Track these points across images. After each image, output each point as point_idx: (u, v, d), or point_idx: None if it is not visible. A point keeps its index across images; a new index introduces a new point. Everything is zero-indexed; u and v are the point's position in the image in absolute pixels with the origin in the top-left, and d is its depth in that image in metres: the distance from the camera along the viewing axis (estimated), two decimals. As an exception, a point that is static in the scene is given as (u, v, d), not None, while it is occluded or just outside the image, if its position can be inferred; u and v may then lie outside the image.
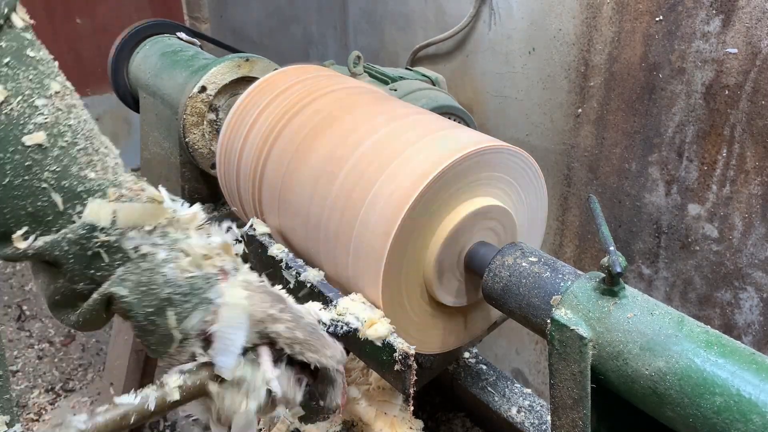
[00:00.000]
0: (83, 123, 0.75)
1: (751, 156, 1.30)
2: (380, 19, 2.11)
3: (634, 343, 0.70)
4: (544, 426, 1.14)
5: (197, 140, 1.54)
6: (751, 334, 1.42)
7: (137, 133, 1.86)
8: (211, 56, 1.65)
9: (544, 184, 1.05)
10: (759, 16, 1.22)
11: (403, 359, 0.86)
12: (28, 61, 0.74)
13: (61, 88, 0.75)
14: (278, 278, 1.04)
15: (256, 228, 1.11)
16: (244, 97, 1.20)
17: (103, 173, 0.75)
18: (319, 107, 1.11)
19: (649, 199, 1.52)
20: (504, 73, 1.74)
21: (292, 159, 1.06)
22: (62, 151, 0.73)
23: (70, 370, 2.52)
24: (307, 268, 1.00)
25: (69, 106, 0.75)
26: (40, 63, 0.75)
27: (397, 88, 1.54)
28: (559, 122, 1.66)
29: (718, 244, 1.41)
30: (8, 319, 2.75)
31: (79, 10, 2.98)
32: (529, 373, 2.04)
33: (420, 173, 0.89)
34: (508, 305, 0.88)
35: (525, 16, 1.63)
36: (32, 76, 0.74)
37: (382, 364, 0.89)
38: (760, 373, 0.63)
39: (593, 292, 0.76)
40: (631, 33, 1.44)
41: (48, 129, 0.72)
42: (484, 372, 1.26)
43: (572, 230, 1.74)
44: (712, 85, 1.33)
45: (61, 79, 0.76)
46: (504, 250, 0.91)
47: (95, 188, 0.74)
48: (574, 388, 0.75)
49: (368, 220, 0.91)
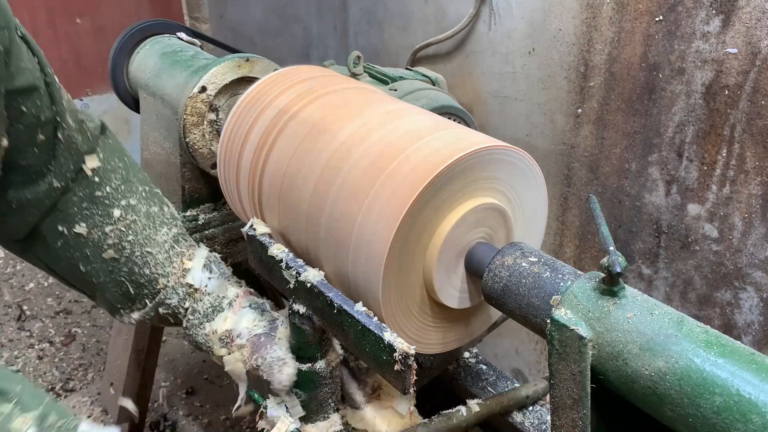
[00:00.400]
0: (138, 232, 1.10)
1: (751, 156, 1.31)
2: (380, 19, 2.11)
3: (634, 343, 0.70)
4: (544, 426, 1.14)
5: (197, 140, 1.54)
6: (751, 334, 1.43)
7: (137, 133, 1.86)
8: (211, 56, 1.65)
9: (544, 184, 1.05)
10: (759, 16, 1.22)
11: (403, 359, 0.86)
12: (97, 200, 1.06)
13: (120, 213, 1.08)
14: (278, 278, 1.04)
15: (256, 228, 1.11)
16: (244, 97, 1.21)
17: (155, 268, 1.12)
18: (319, 107, 1.11)
19: (649, 199, 1.52)
20: (504, 73, 1.75)
21: (293, 159, 1.06)
22: (126, 259, 1.09)
23: (70, 370, 2.53)
24: (307, 268, 1.00)
25: (127, 226, 1.09)
26: (106, 198, 1.06)
27: (397, 88, 1.54)
28: (559, 122, 1.66)
29: (718, 244, 1.42)
30: (8, 319, 2.75)
31: (79, 10, 2.98)
32: (529, 373, 2.04)
33: (420, 173, 0.89)
34: (507, 305, 0.88)
35: (525, 16, 1.63)
36: (101, 211, 1.06)
37: (382, 364, 0.89)
38: (760, 373, 0.63)
39: (593, 292, 0.76)
40: (631, 33, 1.44)
41: (115, 247, 1.08)
42: (484, 372, 1.26)
43: (572, 230, 1.74)
44: (712, 85, 1.33)
45: (124, 203, 1.09)
46: (504, 251, 0.91)
47: (151, 280, 1.12)
48: (574, 388, 0.75)
49: (368, 220, 0.91)
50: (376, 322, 0.90)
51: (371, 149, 0.97)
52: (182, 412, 2.36)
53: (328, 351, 1.07)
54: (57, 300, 2.88)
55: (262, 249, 1.07)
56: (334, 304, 0.93)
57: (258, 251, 1.09)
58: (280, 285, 1.05)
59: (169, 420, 2.32)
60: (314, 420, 1.09)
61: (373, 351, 0.90)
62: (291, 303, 1.03)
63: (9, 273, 3.03)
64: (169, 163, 1.65)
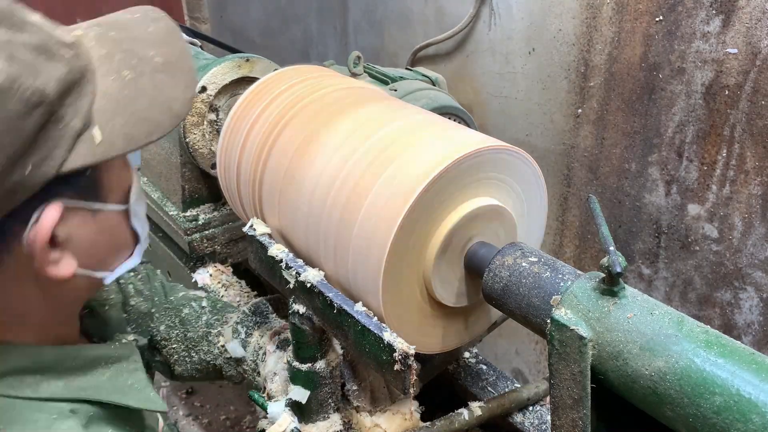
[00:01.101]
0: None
1: (751, 156, 1.31)
2: (380, 19, 2.11)
3: (634, 343, 0.70)
4: (544, 426, 1.14)
5: (197, 140, 1.54)
6: (751, 334, 1.43)
7: (137, 133, 1.85)
8: (211, 56, 1.65)
9: (544, 185, 1.05)
10: (759, 16, 1.22)
11: (402, 359, 0.86)
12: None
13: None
14: (278, 278, 1.04)
15: (256, 228, 1.11)
16: (244, 97, 1.21)
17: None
18: (319, 107, 1.11)
19: (649, 199, 1.52)
20: (504, 73, 1.75)
21: (293, 159, 1.06)
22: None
23: (70, 370, 2.52)
24: (306, 268, 1.00)
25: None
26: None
27: (397, 88, 1.54)
28: (559, 122, 1.66)
29: (718, 244, 1.42)
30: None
31: (79, 10, 2.97)
32: (529, 373, 2.04)
33: (420, 173, 0.89)
34: (508, 305, 0.88)
35: (525, 16, 1.63)
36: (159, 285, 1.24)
37: (382, 364, 0.89)
38: (760, 373, 0.63)
39: (593, 292, 0.76)
40: (631, 33, 1.44)
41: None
42: (484, 372, 1.26)
43: (572, 230, 1.74)
44: (712, 85, 1.33)
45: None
46: (504, 250, 0.91)
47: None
48: (574, 388, 0.75)
49: (368, 220, 0.91)
50: (376, 322, 0.90)
51: (372, 149, 0.97)
52: (182, 412, 2.35)
53: (328, 351, 1.07)
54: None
55: (262, 249, 1.07)
56: (334, 304, 0.93)
57: (258, 251, 1.09)
58: (279, 285, 1.05)
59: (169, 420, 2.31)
60: (314, 420, 1.09)
61: (373, 351, 0.90)
62: (291, 303, 1.03)
63: (9, 273, 3.02)
64: (169, 163, 1.65)
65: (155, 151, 1.69)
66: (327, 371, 1.06)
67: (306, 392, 1.05)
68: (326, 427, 1.09)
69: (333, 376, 1.08)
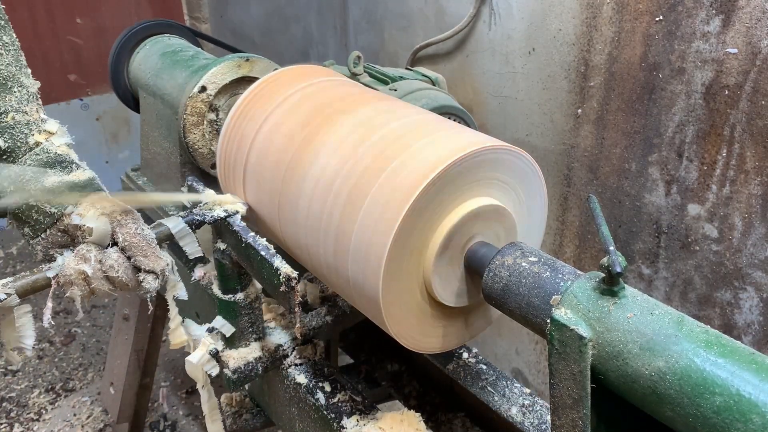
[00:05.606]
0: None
1: (751, 156, 1.31)
2: (380, 19, 2.11)
3: (634, 342, 0.70)
4: (544, 426, 1.14)
5: (197, 140, 1.54)
6: (751, 334, 1.43)
7: (137, 133, 1.86)
8: (211, 56, 1.65)
9: (544, 184, 1.05)
10: (759, 16, 1.22)
11: (286, 281, 0.99)
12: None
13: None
14: (228, 234, 1.15)
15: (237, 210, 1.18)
16: (244, 97, 1.21)
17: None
18: (319, 107, 1.11)
19: (649, 199, 1.52)
20: (504, 73, 1.75)
21: (292, 158, 1.07)
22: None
23: (70, 370, 2.53)
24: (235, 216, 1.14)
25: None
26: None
27: (397, 88, 1.54)
28: (559, 122, 1.66)
29: (718, 244, 1.42)
30: (8, 319, 2.75)
31: (79, 10, 2.98)
32: (529, 373, 2.04)
33: (420, 173, 0.89)
34: (508, 305, 0.88)
35: (525, 16, 1.63)
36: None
37: (275, 287, 1.02)
38: (760, 373, 0.63)
39: (593, 292, 0.76)
40: (631, 33, 1.44)
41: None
42: (484, 372, 1.26)
43: (572, 230, 1.74)
44: (712, 85, 1.33)
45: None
46: (504, 250, 0.92)
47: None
48: (574, 388, 0.75)
49: (368, 219, 0.91)
50: (271, 252, 1.04)
51: (372, 149, 0.97)
52: (182, 411, 2.36)
53: (247, 285, 1.22)
54: (57, 300, 2.88)
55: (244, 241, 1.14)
56: (242, 239, 1.08)
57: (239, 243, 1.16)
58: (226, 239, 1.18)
59: (169, 420, 2.32)
60: (236, 346, 1.22)
61: (269, 277, 1.04)
62: (215, 243, 1.18)
63: (9, 273, 3.03)
64: (169, 163, 1.65)
65: (155, 151, 1.69)
66: (246, 302, 1.21)
67: (231, 328, 1.20)
68: (246, 353, 1.22)
69: (252, 307, 1.22)
